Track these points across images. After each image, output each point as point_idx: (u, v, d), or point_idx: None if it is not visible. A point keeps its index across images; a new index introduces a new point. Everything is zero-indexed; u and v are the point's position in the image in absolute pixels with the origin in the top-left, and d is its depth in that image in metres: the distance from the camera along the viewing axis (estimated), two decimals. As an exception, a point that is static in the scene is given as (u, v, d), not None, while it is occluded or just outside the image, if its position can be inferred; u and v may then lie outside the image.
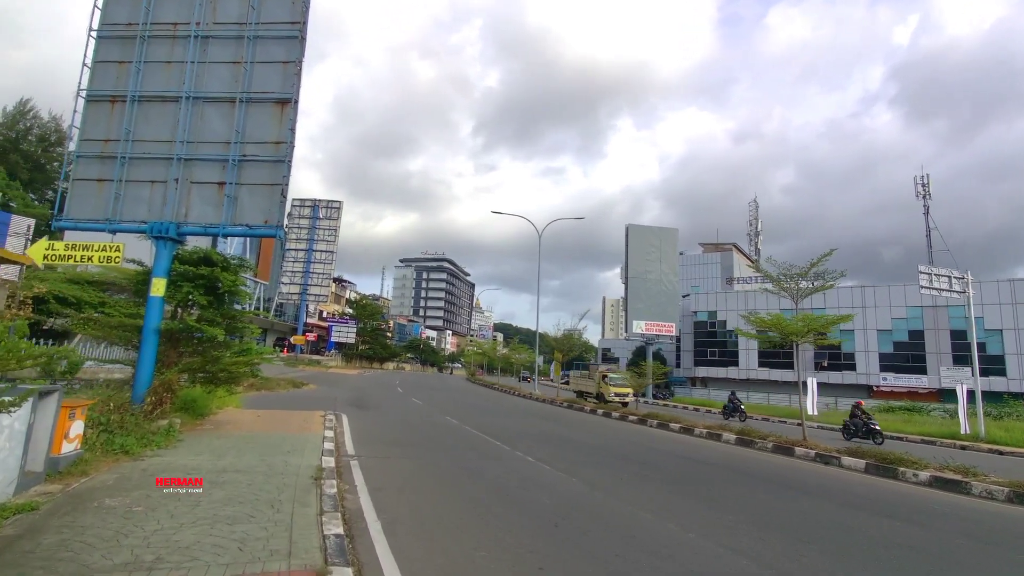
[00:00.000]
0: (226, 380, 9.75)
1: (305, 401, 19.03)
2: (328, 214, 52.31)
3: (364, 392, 25.41)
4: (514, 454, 10.27)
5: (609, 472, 9.12)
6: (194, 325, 8.86)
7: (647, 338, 51.76)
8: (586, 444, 12.87)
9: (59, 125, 72.06)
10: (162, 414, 8.66)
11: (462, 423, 15.20)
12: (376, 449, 9.56)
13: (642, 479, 8.71)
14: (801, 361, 49.89)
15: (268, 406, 16.24)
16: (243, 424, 10.20)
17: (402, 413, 17.24)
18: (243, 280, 9.68)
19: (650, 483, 8.42)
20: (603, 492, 7.41)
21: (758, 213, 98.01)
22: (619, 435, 15.58)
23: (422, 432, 12.83)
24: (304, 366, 43.71)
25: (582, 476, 8.44)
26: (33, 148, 70.04)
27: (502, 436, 12.69)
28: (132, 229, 9.45)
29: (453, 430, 13.54)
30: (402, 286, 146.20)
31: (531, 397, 31.94)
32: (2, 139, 56.95)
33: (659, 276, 52.23)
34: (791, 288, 14.89)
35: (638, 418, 20.37)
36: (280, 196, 9.24)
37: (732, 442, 15.42)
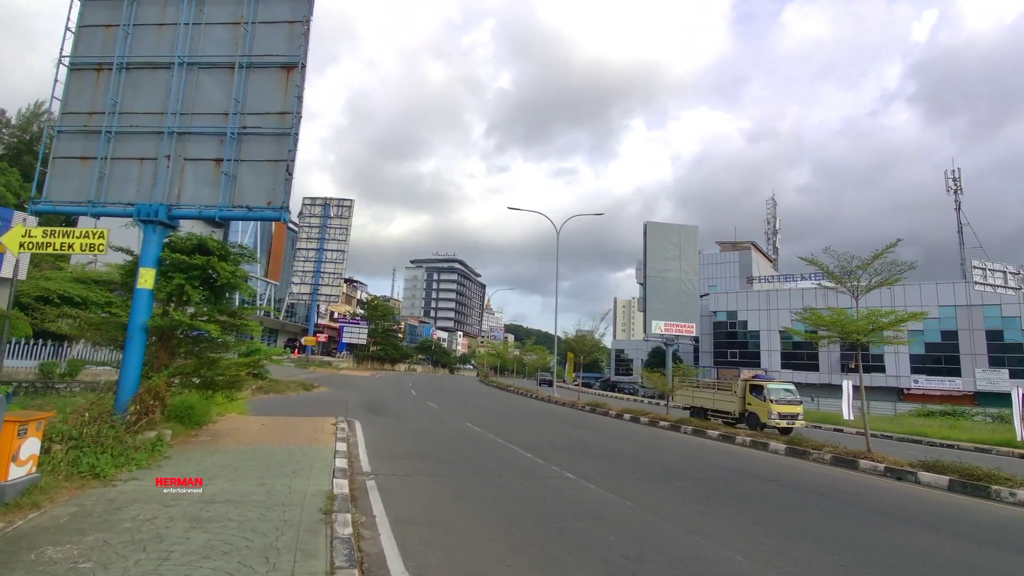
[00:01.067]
0: (225, 385, 8.55)
1: (315, 405, 17.87)
2: (339, 212, 51.30)
3: (377, 395, 24.24)
4: (550, 469, 8.97)
5: (665, 493, 7.78)
6: (186, 321, 7.67)
7: (666, 339, 50.14)
8: (623, 455, 11.52)
9: (73, 127, 71.91)
10: (149, 425, 7.47)
11: (485, 431, 13.92)
12: (395, 464, 8.31)
13: (704, 502, 7.36)
14: (827, 362, 47.91)
15: (276, 411, 15.09)
16: (245, 435, 9.00)
17: (419, 419, 16.01)
18: (244, 272, 8.49)
19: (717, 508, 7.07)
20: (672, 523, 6.08)
21: (776, 211, 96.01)
22: (654, 443, 14.20)
23: (443, 442, 11.56)
24: (315, 367, 42.74)
25: (637, 499, 7.12)
26: (48, 150, 69.87)
27: (532, 447, 11.38)
28: (117, 212, 8.30)
29: (477, 439, 12.26)
30: (413, 287, 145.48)
31: (550, 400, 30.59)
32: (16, 141, 56.91)
33: (679, 275, 50.51)
34: (850, 283, 13.42)
35: (670, 424, 18.97)
36: (285, 173, 8.02)
37: (782, 452, 13.99)
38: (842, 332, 13.08)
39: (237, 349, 9.27)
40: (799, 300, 54.74)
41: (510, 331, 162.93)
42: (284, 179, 8.02)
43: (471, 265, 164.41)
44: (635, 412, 22.37)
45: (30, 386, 15.49)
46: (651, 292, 49.18)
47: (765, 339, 55.57)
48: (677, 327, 49.58)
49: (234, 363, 8.68)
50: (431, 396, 26.83)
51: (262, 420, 11.30)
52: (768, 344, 55.16)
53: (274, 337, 58.45)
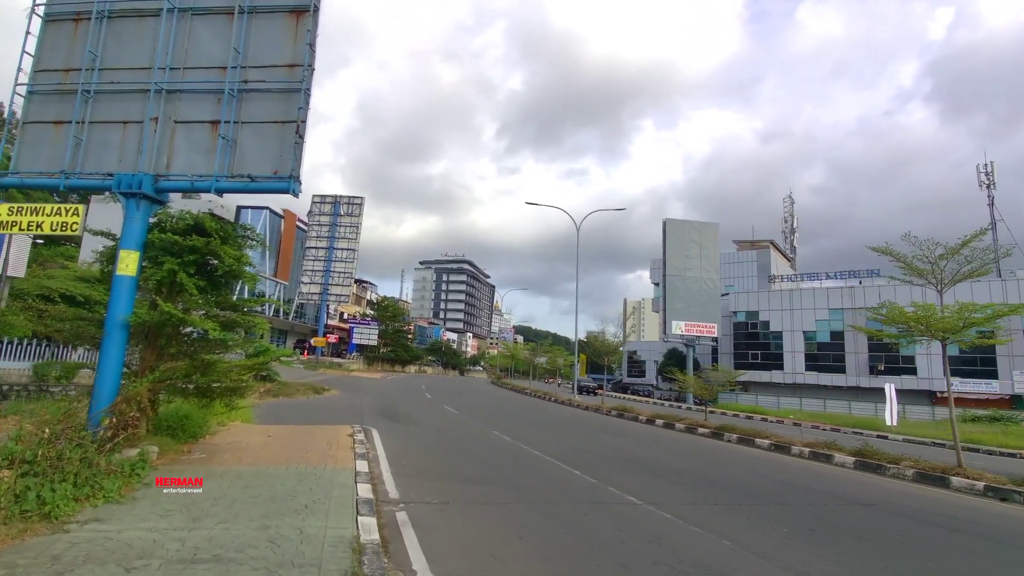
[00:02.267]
0: (224, 392, 7.17)
1: (327, 411, 16.52)
2: (350, 211, 50.08)
3: (391, 399, 22.86)
4: (607, 491, 7.50)
5: (758, 526, 6.26)
6: (178, 316, 6.29)
7: (687, 339, 48.46)
8: (680, 471, 10.00)
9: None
10: (129, 441, 6.09)
11: (514, 440, 12.47)
12: (426, 487, 6.88)
13: (812, 539, 5.85)
14: (854, 365, 45.98)
15: (284, 418, 13.73)
16: (247, 451, 7.61)
17: (440, 426, 14.58)
18: (247, 258, 7.10)
19: (832, 548, 5.55)
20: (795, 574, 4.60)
21: (793, 209, 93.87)
22: (705, 455, 12.67)
23: (473, 455, 10.12)
24: (325, 369, 41.52)
25: (732, 535, 5.64)
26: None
27: (573, 460, 9.91)
28: (93, 185, 6.95)
29: (509, 451, 10.80)
30: (422, 288, 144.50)
31: (571, 404, 29.06)
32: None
33: (699, 273, 48.80)
34: (933, 273, 11.85)
35: (711, 431, 17.41)
36: (294, 137, 6.63)
37: (850, 465, 12.43)
38: (928, 329, 11.48)
39: (243, 349, 7.96)
40: (824, 300, 52.82)
41: (519, 332, 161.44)
42: (293, 143, 6.62)
43: (480, 266, 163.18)
44: (667, 417, 20.81)
45: (22, 389, 14.32)
46: (671, 291, 47.51)
47: (788, 340, 53.60)
48: (698, 327, 47.86)
49: (235, 366, 7.28)
50: (447, 400, 25.41)
51: (269, 431, 9.93)
52: (791, 345, 53.19)
53: (283, 338, 57.36)
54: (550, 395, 34.66)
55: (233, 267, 6.92)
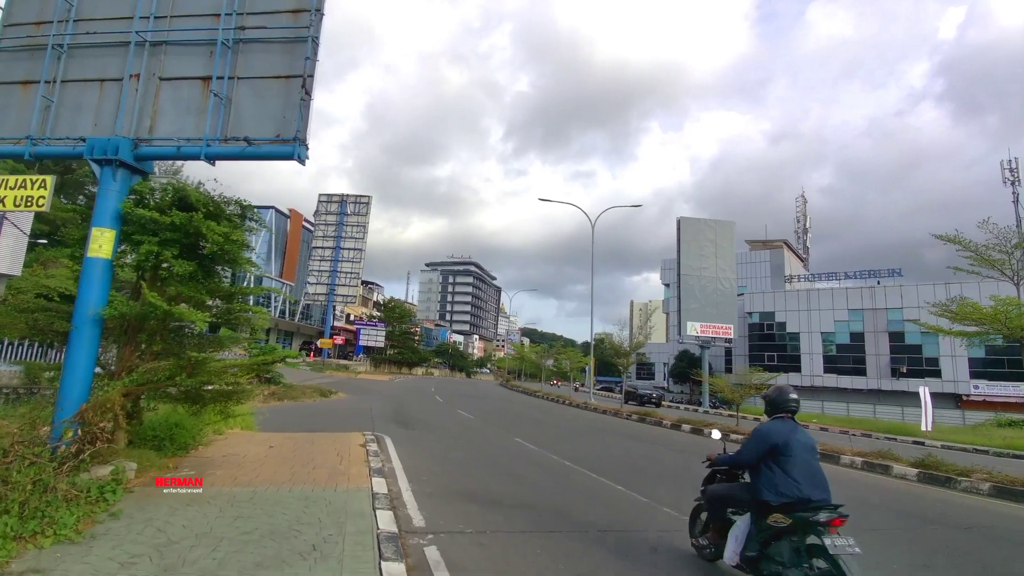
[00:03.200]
0: (216, 397, 6.09)
1: (335, 415, 15.46)
2: (357, 210, 49.12)
3: (401, 402, 21.78)
4: (667, 514, 6.37)
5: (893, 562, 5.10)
6: (161, 307, 5.21)
7: (702, 340, 47.11)
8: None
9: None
10: (101, 457, 5.02)
11: (542, 449, 11.33)
12: (456, 511, 5.76)
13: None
14: (875, 367, 44.50)
15: (290, 425, 12.67)
16: (244, 466, 6.51)
17: (457, 433, 13.47)
18: (242, 236, 6.01)
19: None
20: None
21: (806, 209, 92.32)
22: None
23: (501, 468, 8.99)
24: (331, 371, 40.55)
25: None
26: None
27: (616, 474, 8.77)
28: (61, 152, 5.90)
29: (539, 463, 9.66)
30: (428, 290, 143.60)
31: (587, 407, 27.88)
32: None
33: (715, 273, 47.44)
34: (1009, 264, 10.64)
35: (743, 439, 16.18)
36: (300, 93, 5.55)
37: (912, 478, 11.23)
38: (1007, 328, 10.26)
39: (244, 347, 6.96)
40: (843, 300, 51.33)
41: (525, 334, 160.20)
42: (299, 101, 5.55)
43: (486, 268, 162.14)
44: (693, 422, 19.60)
45: (11, 392, 13.45)
46: (685, 292, 46.20)
47: (806, 341, 52.12)
48: (714, 329, 46.51)
49: (231, 366, 6.19)
50: (460, 403, 24.30)
51: (271, 440, 8.84)
52: (809, 347, 51.72)
53: (289, 339, 56.47)
54: (563, 398, 33.47)
55: (224, 247, 5.81)
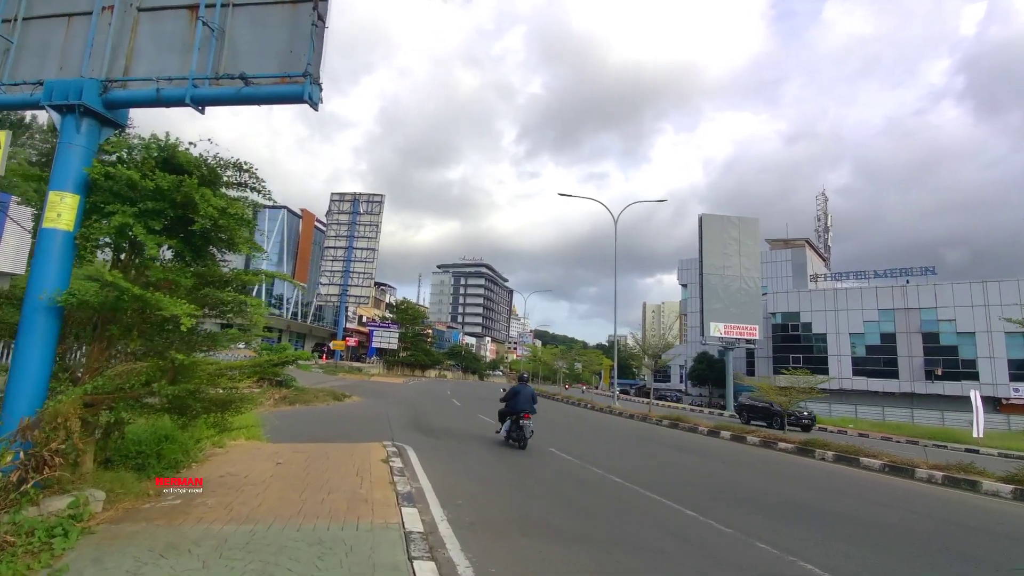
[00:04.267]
0: (208, 407, 4.89)
1: (351, 422, 14.30)
2: (369, 209, 48.15)
3: (419, 407, 20.58)
4: (759, 550, 5.07)
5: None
6: (132, 292, 4.03)
7: (726, 342, 45.47)
8: (807, 506, 7.45)
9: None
10: (59, 486, 3.85)
11: (582, 461, 10.03)
12: (509, 553, 4.50)
13: None
14: (908, 369, 42.59)
15: (301, 432, 11.52)
16: (245, 489, 5.31)
17: (485, 442, 12.23)
18: (243, 211, 4.82)
19: None
20: None
21: (827, 207, 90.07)
22: (815, 482, 10.02)
23: (545, 485, 7.70)
24: (344, 374, 39.56)
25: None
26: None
27: (675, 493, 7.46)
28: (16, 101, 4.72)
29: (588, 480, 8.37)
30: (440, 292, 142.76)
31: (611, 411, 26.51)
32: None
33: (739, 272, 45.75)
34: None
35: (796, 446, 14.77)
36: (313, 18, 4.35)
37: (1007, 495, 9.81)
38: None
39: (255, 347, 5.82)
40: (872, 299, 49.29)
41: (537, 337, 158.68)
42: (309, 30, 4.34)
43: (498, 270, 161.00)
44: (733, 429, 18.16)
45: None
46: (708, 291, 44.58)
47: (833, 343, 50.11)
48: (738, 330, 44.84)
49: (227, 369, 4.99)
50: (479, 407, 23.05)
51: (280, 453, 7.65)
52: (837, 348, 49.72)
53: (302, 341, 55.69)
54: (584, 401, 32.07)
55: (219, 223, 4.62)
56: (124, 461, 5.45)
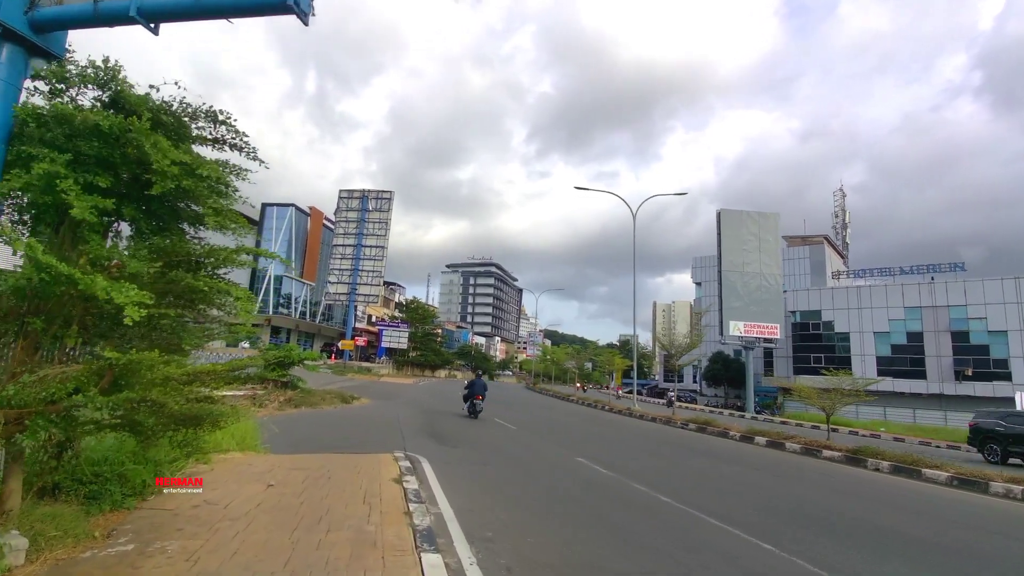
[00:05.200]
0: (167, 424, 3.77)
1: (359, 426, 13.22)
2: (378, 206, 47.18)
3: (430, 410, 19.48)
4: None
5: None
6: (61, 272, 2.94)
7: (746, 341, 43.94)
8: (896, 533, 6.21)
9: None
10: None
11: (619, 475, 8.83)
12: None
13: None
14: (936, 369, 40.86)
15: (305, 439, 10.45)
16: (221, 528, 4.19)
17: (507, 451, 11.06)
18: (217, 172, 3.71)
19: None
20: None
21: (845, 203, 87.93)
22: (877, 496, 8.71)
23: (585, 509, 6.52)
24: (353, 374, 38.62)
25: None
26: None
27: (745, 521, 6.24)
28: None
29: (634, 503, 7.17)
30: (449, 292, 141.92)
31: (631, 414, 25.26)
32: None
33: (759, 268, 44.20)
34: None
35: (844, 455, 13.48)
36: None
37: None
38: None
39: (260, 347, 4.77)
40: (898, 297, 47.47)
41: (546, 336, 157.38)
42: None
43: (508, 270, 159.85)
44: (769, 435, 16.85)
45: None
46: (727, 289, 43.09)
47: (857, 342, 48.38)
48: (758, 328, 43.29)
49: (197, 374, 3.87)
50: (493, 409, 21.91)
51: (274, 469, 6.54)
52: (861, 348, 47.98)
53: (310, 341, 54.92)
54: (602, 403, 30.79)
55: (182, 184, 3.49)
56: (76, 488, 4.36)
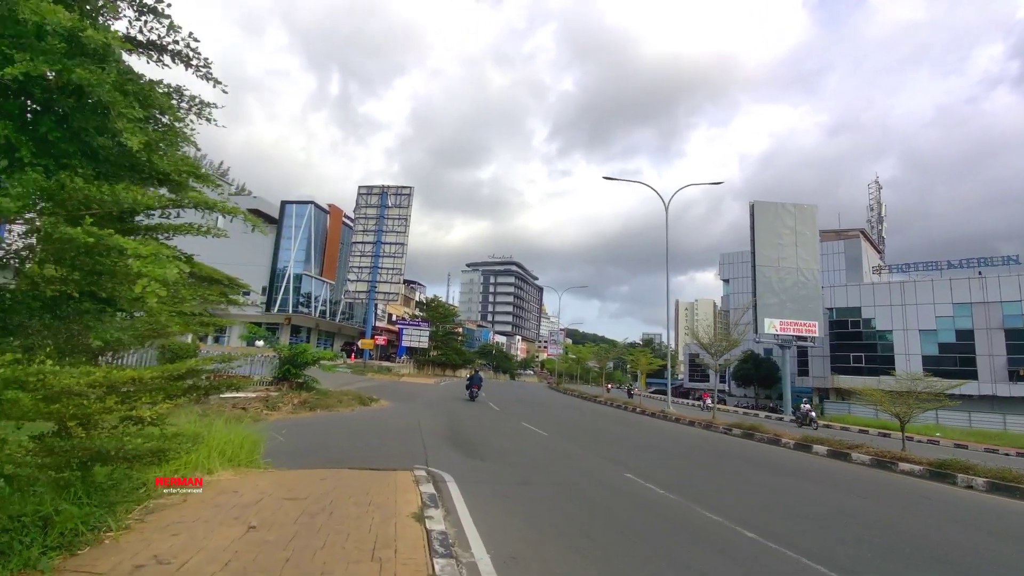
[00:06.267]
0: (63, 466, 2.47)
1: (376, 433, 11.93)
2: (398, 202, 46.17)
3: (454, 413, 18.17)
4: None
5: None
6: None
7: (782, 340, 41.71)
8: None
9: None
10: None
11: (687, 500, 7.33)
12: None
13: None
14: (988, 369, 38.05)
15: (314, 448, 9.20)
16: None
17: (544, 465, 9.62)
18: (135, 82, 2.39)
19: None
20: None
21: (880, 196, 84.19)
22: (1011, 533, 7.05)
23: (665, 553, 5.09)
24: (373, 374, 37.66)
25: None
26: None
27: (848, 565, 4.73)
28: None
29: (723, 544, 5.69)
30: (469, 291, 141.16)
31: (665, 417, 23.61)
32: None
33: (795, 263, 41.87)
34: None
35: (926, 468, 11.74)
36: None
37: None
38: None
39: (275, 346, 3.52)
40: (945, 292, 44.59)
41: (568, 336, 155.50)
42: None
43: (528, 268, 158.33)
44: (826, 443, 15.10)
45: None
46: (762, 285, 40.89)
47: (900, 340, 45.69)
48: (795, 326, 40.99)
49: (104, 385, 2.54)
50: (519, 411, 20.56)
51: (262, 505, 5.24)
52: (905, 347, 45.28)
53: (331, 340, 54.31)
54: (633, 405, 29.14)
55: (71, 73, 2.15)
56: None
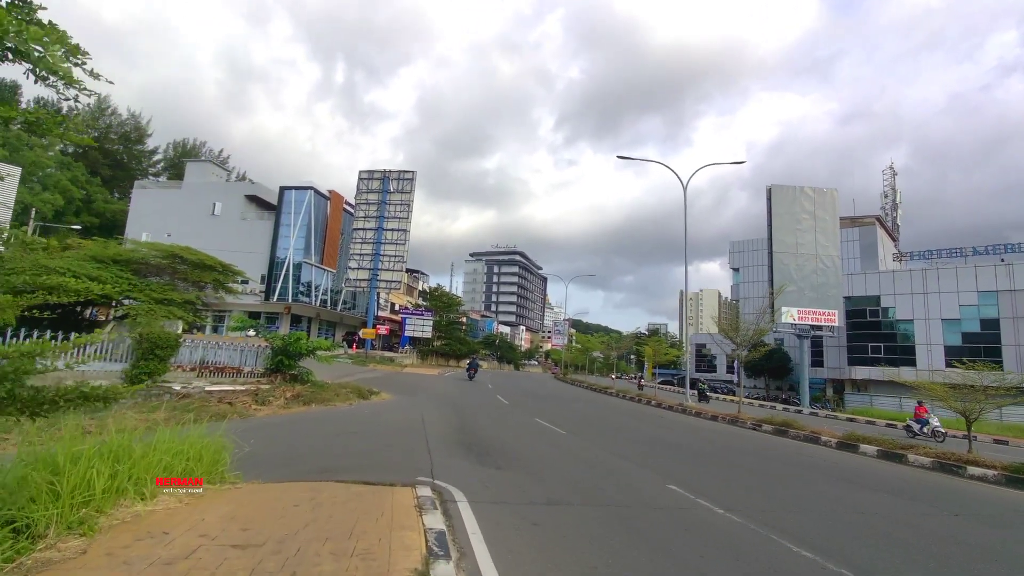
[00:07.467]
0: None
1: (374, 433, 10.40)
2: (400, 187, 44.53)
3: (461, 407, 16.70)
4: None
5: None
6: None
7: (800, 329, 40.12)
8: None
9: (138, 123, 70.62)
10: None
11: (759, 527, 5.80)
12: None
13: None
14: (1015, 359, 36.24)
15: (299, 454, 7.70)
16: None
17: (574, 477, 8.11)
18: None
19: None
20: None
21: (895, 182, 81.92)
22: None
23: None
24: (375, 364, 36.29)
25: None
26: (115, 146, 68.98)
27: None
28: None
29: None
30: (472, 281, 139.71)
31: (685, 410, 22.12)
32: (82, 135, 55.37)
33: (814, 250, 40.14)
34: None
35: (1000, 473, 10.23)
36: None
37: None
38: None
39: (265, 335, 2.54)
40: (970, 280, 42.77)
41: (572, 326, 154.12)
42: None
43: (532, 258, 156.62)
44: (873, 442, 13.60)
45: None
46: (779, 273, 39.19)
47: (921, 330, 43.99)
48: (814, 315, 39.36)
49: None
50: (529, 405, 19.11)
51: (195, 559, 3.75)
52: (927, 337, 43.59)
53: (332, 330, 52.99)
54: (647, 398, 27.64)
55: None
56: None
